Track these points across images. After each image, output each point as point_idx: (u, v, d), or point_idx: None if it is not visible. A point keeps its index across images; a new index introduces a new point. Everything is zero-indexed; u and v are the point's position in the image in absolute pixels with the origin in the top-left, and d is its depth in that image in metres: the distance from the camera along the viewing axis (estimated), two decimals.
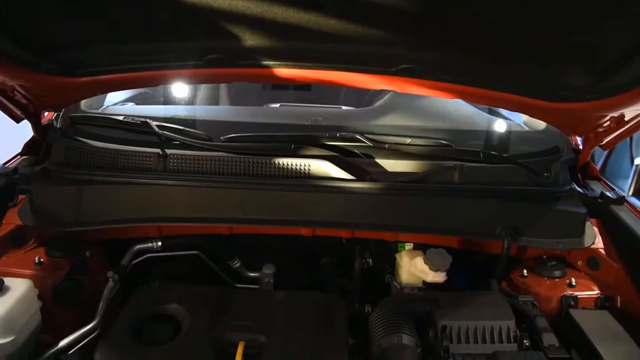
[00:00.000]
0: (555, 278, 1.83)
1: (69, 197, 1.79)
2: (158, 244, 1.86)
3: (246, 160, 1.80)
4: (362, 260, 1.91)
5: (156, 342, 1.52)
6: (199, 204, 1.78)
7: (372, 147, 1.84)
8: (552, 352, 1.52)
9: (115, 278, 1.75)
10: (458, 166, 1.81)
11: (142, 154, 1.81)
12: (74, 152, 1.86)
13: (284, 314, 1.63)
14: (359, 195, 1.75)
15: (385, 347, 1.48)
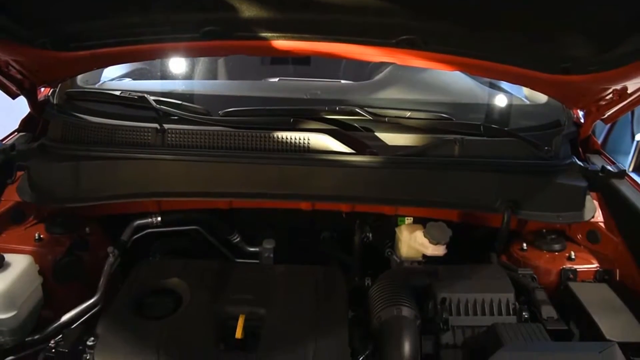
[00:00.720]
0: (554, 251, 1.83)
1: (67, 173, 1.78)
2: (158, 220, 1.86)
3: (245, 134, 1.78)
4: (362, 235, 1.92)
5: (157, 316, 1.53)
6: (198, 178, 1.77)
7: (372, 120, 1.82)
8: (551, 324, 1.53)
9: (116, 253, 1.75)
10: (458, 139, 1.80)
11: (140, 129, 1.80)
12: (71, 128, 1.85)
13: (284, 287, 1.64)
14: (359, 168, 1.75)
15: (385, 319, 1.49)
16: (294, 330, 1.47)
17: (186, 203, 1.91)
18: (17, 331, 1.53)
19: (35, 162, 1.82)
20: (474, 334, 1.53)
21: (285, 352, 1.42)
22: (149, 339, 1.43)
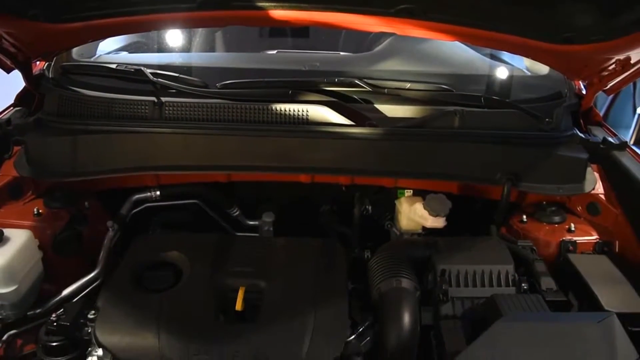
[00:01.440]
0: (554, 223, 1.83)
1: (65, 148, 1.77)
2: (157, 194, 1.86)
3: (243, 106, 1.77)
4: (362, 207, 1.92)
5: (157, 289, 1.54)
6: (196, 151, 1.76)
7: (371, 92, 1.81)
8: (550, 295, 1.54)
9: (115, 227, 1.75)
10: (458, 111, 1.78)
11: (137, 102, 1.78)
12: (67, 102, 1.83)
13: (284, 259, 1.64)
14: (358, 140, 1.73)
15: (384, 291, 1.49)
16: (294, 302, 1.48)
17: (185, 176, 1.90)
18: (18, 305, 1.54)
19: (32, 136, 1.81)
20: (473, 305, 1.53)
21: (285, 324, 1.43)
22: (149, 311, 1.44)
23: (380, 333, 1.45)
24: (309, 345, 1.37)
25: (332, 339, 1.40)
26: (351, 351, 1.41)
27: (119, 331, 1.40)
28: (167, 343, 1.37)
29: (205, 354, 1.33)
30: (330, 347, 1.38)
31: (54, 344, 1.44)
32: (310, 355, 1.36)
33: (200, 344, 1.37)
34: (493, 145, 1.79)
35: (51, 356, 1.45)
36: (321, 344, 1.38)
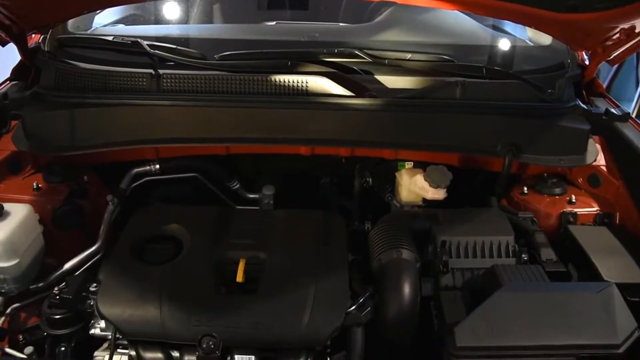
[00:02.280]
0: (555, 195, 1.83)
1: (63, 121, 1.76)
2: (156, 167, 1.86)
3: (242, 78, 1.75)
4: (362, 180, 1.91)
5: (158, 262, 1.54)
6: (195, 123, 1.75)
7: (372, 63, 1.78)
8: (550, 266, 1.54)
9: (115, 201, 1.75)
10: (460, 82, 1.76)
11: (134, 74, 1.76)
12: (64, 75, 1.81)
13: (284, 231, 1.65)
14: (358, 111, 1.72)
15: (385, 261, 1.50)
16: (295, 274, 1.49)
17: (184, 149, 1.89)
18: (20, 279, 1.54)
19: (29, 110, 1.79)
20: (473, 276, 1.54)
21: (286, 295, 1.43)
22: (151, 283, 1.45)
23: (381, 304, 1.45)
24: (310, 316, 1.38)
25: (332, 309, 1.40)
26: (351, 322, 1.42)
27: (120, 303, 1.41)
28: (169, 314, 1.38)
29: (207, 325, 1.34)
30: (331, 318, 1.39)
31: (57, 317, 1.46)
32: (311, 326, 1.37)
33: (201, 315, 1.37)
34: (494, 116, 1.77)
35: (55, 329, 1.46)
36: (321, 314, 1.39)
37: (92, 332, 1.46)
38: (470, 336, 1.29)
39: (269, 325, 1.37)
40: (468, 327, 1.31)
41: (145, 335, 1.38)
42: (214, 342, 1.24)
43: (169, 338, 1.37)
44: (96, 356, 1.44)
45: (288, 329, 1.37)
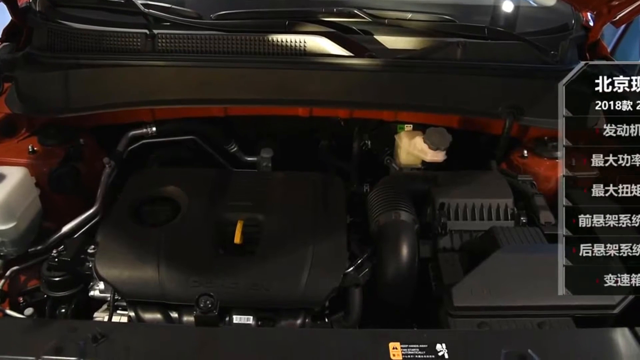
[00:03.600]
0: (555, 158, 1.81)
1: (56, 83, 1.73)
2: (152, 130, 1.83)
3: (239, 37, 1.72)
4: (361, 142, 1.90)
5: (156, 224, 1.54)
6: (191, 84, 1.72)
7: (371, 22, 1.76)
8: (548, 229, 1.54)
9: (112, 164, 1.74)
10: (461, 42, 1.74)
11: (129, 34, 1.74)
12: (56, 36, 1.78)
13: (283, 193, 1.64)
14: (357, 72, 1.70)
15: (383, 223, 1.49)
16: (293, 235, 1.48)
17: (180, 111, 1.86)
18: (18, 242, 1.54)
19: (22, 72, 1.77)
20: (471, 238, 1.54)
21: (284, 256, 1.43)
22: (149, 245, 1.45)
23: (379, 265, 1.46)
24: (308, 277, 1.38)
25: (330, 270, 1.41)
26: (350, 283, 1.43)
27: (118, 265, 1.41)
28: (167, 275, 1.38)
29: (205, 286, 1.34)
30: (329, 279, 1.39)
31: (56, 279, 1.46)
32: (309, 287, 1.37)
33: (199, 275, 1.38)
34: (495, 77, 1.75)
35: (54, 291, 1.47)
36: (320, 275, 1.39)
37: (92, 294, 1.46)
38: (468, 296, 1.30)
39: (267, 286, 1.37)
40: (465, 287, 1.32)
41: (143, 296, 1.39)
42: (211, 301, 1.24)
43: (167, 299, 1.37)
44: (96, 317, 1.44)
45: (286, 290, 1.38)
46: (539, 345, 1.10)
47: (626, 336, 1.15)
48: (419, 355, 1.09)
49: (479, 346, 1.17)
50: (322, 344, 1.18)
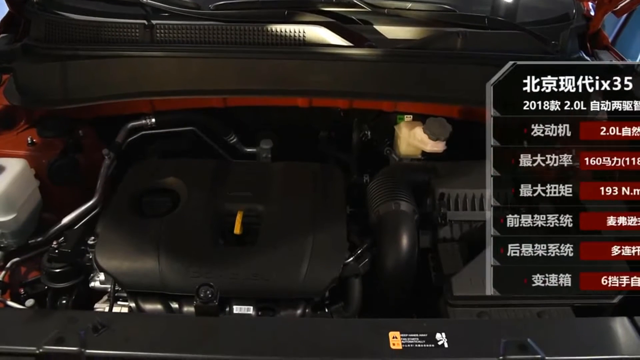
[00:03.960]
0: None
1: (55, 74, 1.73)
2: (152, 121, 1.83)
3: (238, 28, 1.71)
4: (361, 133, 1.89)
5: (155, 215, 1.54)
6: (190, 75, 1.72)
7: (371, 12, 1.74)
8: None
9: (111, 156, 1.74)
10: (461, 32, 1.73)
11: (127, 25, 1.72)
12: (54, 27, 1.77)
13: (282, 184, 1.64)
14: (357, 62, 1.69)
15: (383, 213, 1.50)
16: (293, 225, 1.48)
17: (179, 102, 1.86)
18: (18, 233, 1.55)
19: (20, 63, 1.76)
20: (471, 228, 1.55)
21: (284, 246, 1.43)
22: (149, 235, 1.44)
23: (379, 255, 1.46)
24: (308, 267, 1.38)
25: (330, 260, 1.41)
26: (349, 273, 1.43)
27: (119, 256, 1.42)
28: (167, 266, 1.38)
29: (205, 276, 1.34)
30: (329, 269, 1.39)
31: (56, 271, 1.46)
32: (309, 277, 1.37)
33: (199, 266, 1.38)
34: (496, 68, 1.73)
35: (55, 282, 1.47)
36: (319, 265, 1.39)
37: (92, 285, 1.47)
38: (467, 286, 1.31)
39: (267, 276, 1.37)
40: (465, 277, 1.33)
41: (144, 287, 1.39)
42: (212, 291, 1.24)
43: (167, 289, 1.38)
44: (96, 308, 1.44)
45: (286, 280, 1.38)
46: (538, 334, 1.10)
47: (625, 325, 1.15)
48: (418, 344, 1.09)
49: (478, 335, 1.17)
50: (322, 333, 1.18)
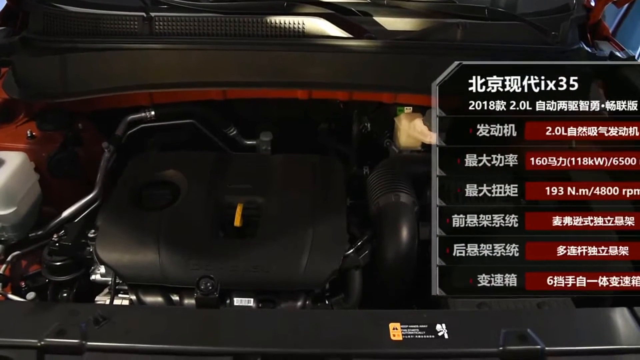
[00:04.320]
0: None
1: (53, 67, 1.72)
2: (151, 114, 1.83)
3: (237, 20, 1.70)
4: (360, 125, 1.89)
5: (155, 207, 1.54)
6: (190, 67, 1.71)
7: (370, 3, 1.75)
8: None
9: (111, 149, 1.74)
10: (461, 23, 1.72)
11: (125, 17, 1.71)
12: (52, 19, 1.76)
13: (282, 176, 1.64)
14: (356, 54, 1.68)
15: (383, 205, 1.50)
16: (293, 217, 1.49)
17: (178, 94, 1.85)
18: (18, 227, 1.55)
19: (19, 56, 1.75)
20: None
21: (284, 238, 1.44)
22: (149, 228, 1.45)
23: (379, 247, 1.46)
24: (308, 259, 1.39)
25: (330, 252, 1.41)
26: (349, 265, 1.43)
27: (119, 248, 1.42)
28: (167, 258, 1.38)
29: (205, 269, 1.34)
30: (329, 261, 1.40)
31: (57, 264, 1.46)
32: (309, 269, 1.38)
33: (199, 258, 1.38)
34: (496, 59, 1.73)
35: (56, 275, 1.47)
36: (320, 257, 1.40)
37: (93, 278, 1.47)
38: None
39: (267, 268, 1.38)
40: None
41: (144, 280, 1.39)
42: (212, 283, 1.25)
43: (168, 282, 1.38)
44: (97, 301, 1.45)
45: (286, 272, 1.38)
46: (538, 325, 1.11)
47: (625, 316, 1.15)
48: (419, 335, 1.09)
49: (478, 326, 1.17)
50: (322, 325, 1.18)
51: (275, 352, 1.09)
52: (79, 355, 1.05)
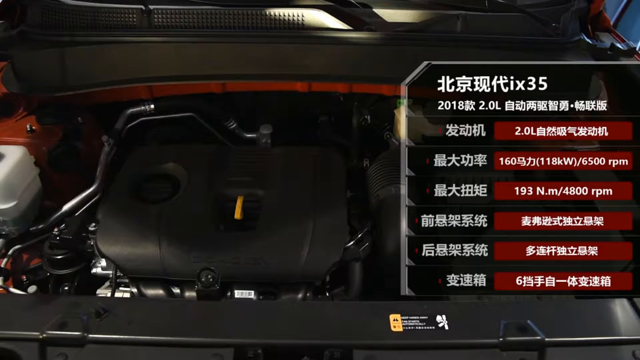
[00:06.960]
0: None
1: (52, 61, 1.71)
2: (151, 107, 1.83)
3: (236, 12, 1.69)
4: (360, 117, 1.89)
5: (156, 200, 1.55)
6: (189, 60, 1.70)
7: None
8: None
9: (111, 142, 1.74)
10: (461, 15, 1.71)
11: (124, 10, 1.70)
12: (51, 12, 1.75)
13: (282, 168, 1.64)
14: (356, 46, 1.67)
15: (383, 197, 1.50)
16: (293, 210, 1.49)
17: (178, 87, 1.85)
18: (19, 221, 1.55)
19: (17, 50, 1.74)
20: None
21: (284, 231, 1.44)
22: (149, 221, 1.45)
23: (379, 239, 1.47)
24: (308, 251, 1.39)
25: (331, 244, 1.42)
26: (350, 257, 1.44)
27: (120, 242, 1.42)
28: (168, 251, 1.39)
29: (206, 261, 1.35)
30: (329, 253, 1.40)
31: (58, 257, 1.47)
32: (310, 261, 1.38)
33: (200, 251, 1.39)
34: (496, 50, 1.73)
35: (57, 269, 1.48)
36: (320, 249, 1.40)
37: (94, 271, 1.48)
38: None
39: (268, 261, 1.38)
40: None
41: (145, 273, 1.40)
42: (213, 275, 1.25)
43: (168, 275, 1.39)
44: (99, 294, 1.45)
45: (287, 264, 1.39)
46: (538, 316, 1.11)
47: (625, 307, 1.16)
48: (419, 326, 1.10)
49: (478, 317, 1.18)
50: (323, 317, 1.19)
51: (276, 343, 1.09)
52: (81, 348, 1.06)
